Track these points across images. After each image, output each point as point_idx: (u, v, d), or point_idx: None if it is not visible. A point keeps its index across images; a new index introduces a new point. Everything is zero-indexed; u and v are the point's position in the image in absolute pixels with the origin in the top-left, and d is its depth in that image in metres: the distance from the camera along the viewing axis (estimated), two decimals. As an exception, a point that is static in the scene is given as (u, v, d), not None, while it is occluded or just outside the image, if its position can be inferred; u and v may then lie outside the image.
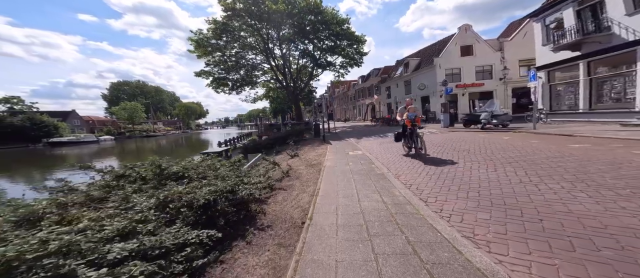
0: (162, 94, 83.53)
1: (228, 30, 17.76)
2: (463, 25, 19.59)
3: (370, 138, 11.22)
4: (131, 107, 53.67)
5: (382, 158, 6.15)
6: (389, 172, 4.56)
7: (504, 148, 5.99)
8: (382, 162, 5.64)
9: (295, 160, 6.49)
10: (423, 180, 3.94)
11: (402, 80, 24.74)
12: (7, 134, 30.73)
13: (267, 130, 18.99)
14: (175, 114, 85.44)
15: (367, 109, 36.34)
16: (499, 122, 9.88)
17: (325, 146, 8.90)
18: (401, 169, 4.80)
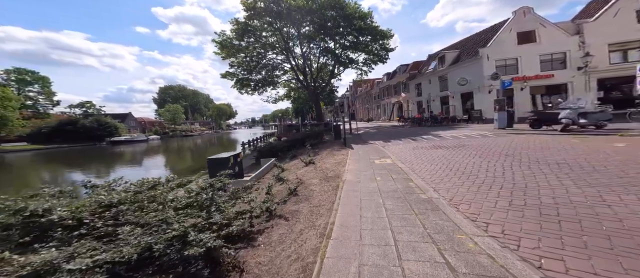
0: (199, 97, 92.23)
1: (249, 30, 17.81)
2: (520, 9, 16.01)
3: (399, 141, 9.54)
4: (173, 109, 60.32)
5: (421, 170, 4.66)
6: (439, 197, 3.13)
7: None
8: (423, 177, 4.18)
9: (309, 169, 5.42)
10: (510, 215, 2.45)
11: (435, 76, 21.77)
12: (80, 133, 37.06)
13: (287, 131, 18.52)
14: (209, 115, 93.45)
15: (393, 108, 33.55)
16: (591, 122, 7.19)
17: (346, 151, 7.65)
18: (456, 190, 3.31)
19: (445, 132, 11.78)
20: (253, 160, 9.44)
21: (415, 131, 13.43)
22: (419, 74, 26.14)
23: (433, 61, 23.60)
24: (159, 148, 32.23)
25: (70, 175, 15.30)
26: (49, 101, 42.42)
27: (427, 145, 7.99)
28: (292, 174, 5.17)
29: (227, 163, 5.34)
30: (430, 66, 23.84)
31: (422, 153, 6.48)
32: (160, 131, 56.64)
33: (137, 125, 59.56)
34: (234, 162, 5.69)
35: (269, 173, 6.30)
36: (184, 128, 64.26)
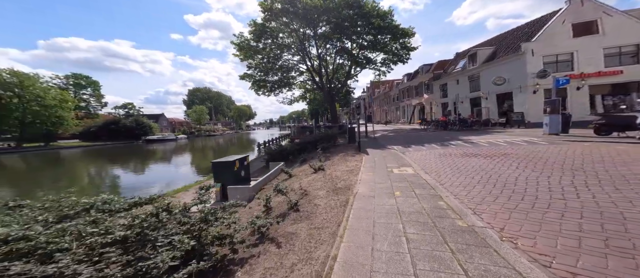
0: (222, 98, 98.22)
1: (266, 31, 18.07)
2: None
3: (421, 147, 8.49)
4: (199, 110, 64.95)
5: (452, 184, 3.78)
6: (485, 224, 2.32)
7: None
8: (456, 193, 3.33)
9: (318, 177, 4.86)
10: (612, 263, 1.60)
11: (464, 75, 19.69)
12: (121, 132, 41.66)
13: (300, 133, 18.23)
14: (231, 116, 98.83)
15: (413, 110, 31.46)
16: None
17: (360, 157, 6.93)
18: (508, 215, 2.45)
19: (478, 137, 10.28)
20: (263, 163, 9.19)
21: (441, 136, 12.04)
22: (444, 73, 24.04)
23: (461, 60, 21.50)
24: (186, 147, 34.62)
25: (111, 170, 16.90)
26: (98, 103, 48.61)
27: (457, 152, 6.88)
28: (297, 182, 4.66)
29: (232, 167, 5.05)
30: (458, 65, 21.74)
31: (452, 162, 5.49)
32: (187, 131, 61.26)
33: (168, 125, 65.22)
34: (240, 166, 5.39)
35: (275, 180, 5.88)
36: (207, 128, 68.69)
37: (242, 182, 5.25)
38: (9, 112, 25.12)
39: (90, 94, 47.12)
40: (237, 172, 5.19)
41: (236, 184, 4.96)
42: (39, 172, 16.21)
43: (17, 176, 14.83)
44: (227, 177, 4.90)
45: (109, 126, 40.44)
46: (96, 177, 14.55)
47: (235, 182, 5.00)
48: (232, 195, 4.39)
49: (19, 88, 25.90)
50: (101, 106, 49.35)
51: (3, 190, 10.52)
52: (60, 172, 16.30)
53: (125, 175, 14.80)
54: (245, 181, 5.50)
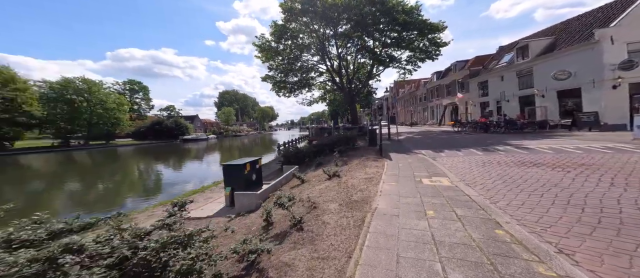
0: (247, 100, 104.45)
1: (287, 32, 18.21)
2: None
3: (457, 152, 7.19)
4: (227, 112, 70.16)
5: (510, 203, 2.79)
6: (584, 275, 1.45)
7: None
8: (520, 217, 2.39)
9: (331, 185, 4.27)
10: None
11: (511, 71, 16.78)
12: (163, 132, 47.21)
13: (318, 134, 17.80)
14: (255, 117, 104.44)
15: (444, 110, 28.45)
16: None
17: (381, 162, 6.11)
18: (628, 260, 1.51)
19: (534, 141, 8.39)
20: (279, 165, 8.96)
21: (481, 139, 10.26)
22: (484, 70, 21.07)
23: (507, 54, 18.53)
24: (215, 146, 37.44)
25: (155, 167, 19.06)
26: (147, 106, 56.07)
27: (508, 159, 5.54)
28: (308, 190, 4.14)
29: (243, 170, 4.78)
30: (502, 60, 18.79)
31: (503, 173, 4.32)
32: (216, 131, 66.57)
33: (201, 126, 71.83)
34: (251, 169, 5.12)
35: (287, 185, 5.48)
36: (234, 128, 73.62)
37: (253, 187, 4.97)
38: (79, 114, 30.48)
39: (141, 98, 54.65)
40: (248, 176, 4.92)
41: (247, 189, 4.68)
42: (101, 167, 19.09)
43: (85, 170, 17.65)
44: (237, 181, 4.65)
45: (154, 127, 46.17)
46: (144, 172, 16.49)
47: (245, 186, 4.73)
48: (238, 201, 4.11)
49: (87, 93, 31.27)
50: (149, 108, 56.84)
51: (75, 182, 12.71)
52: (116, 166, 19.01)
53: (166, 170, 16.60)
54: (257, 185, 5.22)
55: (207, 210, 4.46)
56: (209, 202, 5.27)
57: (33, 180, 13.63)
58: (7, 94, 22.83)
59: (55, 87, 29.28)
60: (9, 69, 24.32)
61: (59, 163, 20.69)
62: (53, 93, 28.82)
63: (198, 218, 3.91)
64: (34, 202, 8.93)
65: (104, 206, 7.63)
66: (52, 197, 9.87)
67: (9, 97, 22.99)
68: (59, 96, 28.93)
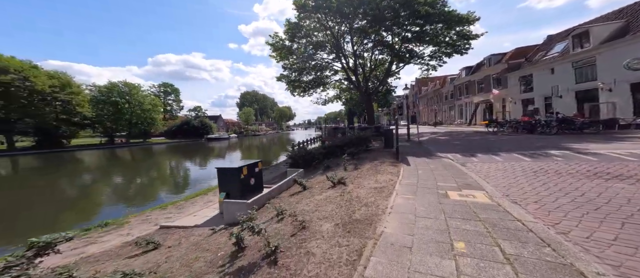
0: (266, 101, 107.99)
1: (300, 30, 17.89)
2: None
3: (494, 156, 5.92)
4: (247, 112, 73.51)
5: (589, 233, 1.83)
6: None
7: None
8: (616, 262, 1.48)
9: (333, 195, 3.63)
10: None
11: (566, 62, 13.99)
12: (190, 131, 51.17)
13: (332, 135, 17.12)
14: (273, 117, 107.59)
15: (476, 109, 25.43)
16: None
17: (397, 168, 5.25)
18: None
19: (603, 145, 6.61)
20: (287, 168, 8.56)
21: (525, 141, 8.55)
22: (527, 62, 18.16)
23: (558, 43, 15.65)
24: (236, 145, 39.34)
25: (184, 163, 20.62)
26: (178, 106, 61.40)
27: (572, 168, 4.23)
28: (306, 201, 3.57)
29: (238, 174, 4.40)
30: (552, 50, 15.92)
31: (568, 187, 3.19)
32: (237, 130, 70.06)
33: (224, 125, 76.28)
34: (248, 173, 4.72)
35: (287, 192, 4.98)
36: (253, 128, 76.71)
37: (251, 193, 4.57)
38: (122, 115, 34.45)
39: (173, 99, 60.05)
40: (245, 181, 4.53)
41: (243, 195, 4.29)
42: (139, 163, 21.25)
43: (126, 165, 19.84)
44: (232, 187, 4.28)
45: (183, 126, 50.30)
46: (174, 169, 18.02)
47: (242, 192, 4.34)
48: (226, 210, 3.72)
49: (128, 96, 35.20)
50: (180, 109, 62.19)
51: (119, 176, 14.34)
52: (152, 162, 21.07)
53: (193, 167, 17.99)
54: (256, 191, 4.81)
55: (200, 217, 4.19)
56: (208, 206, 5.05)
57: (85, 173, 15.80)
58: (64, 97, 26.76)
59: (102, 90, 33.56)
60: (65, 75, 28.52)
61: (106, 158, 23.59)
62: (101, 96, 33.05)
63: (182, 228, 3.64)
64: (86, 193, 10.43)
65: (141, 200, 8.33)
66: (99, 189, 11.22)
67: (66, 100, 26.92)
68: (106, 98, 33.08)
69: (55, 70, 28.41)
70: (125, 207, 7.25)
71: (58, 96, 26.45)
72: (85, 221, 5.22)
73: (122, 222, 4.32)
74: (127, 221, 4.41)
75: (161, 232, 3.55)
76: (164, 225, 3.84)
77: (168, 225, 3.83)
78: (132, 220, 4.52)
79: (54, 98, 26.32)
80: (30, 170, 18.06)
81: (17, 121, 24.59)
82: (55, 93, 26.22)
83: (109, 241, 3.58)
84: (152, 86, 55.43)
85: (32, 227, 5.63)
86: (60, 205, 8.01)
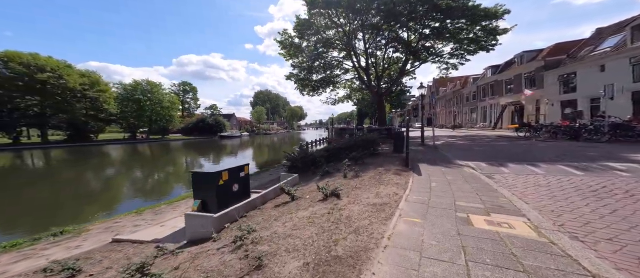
0: (279, 100, 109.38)
1: (310, 26, 17.31)
2: None
3: (531, 167, 4.77)
4: (259, 110, 75.00)
5: None
6: None
7: None
8: None
9: (318, 213, 2.94)
10: None
11: (621, 58, 11.75)
12: (205, 128, 53.18)
13: (339, 136, 16.33)
14: (285, 116, 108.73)
15: (502, 111, 23.01)
16: None
17: (405, 177, 4.41)
18: None
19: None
20: (285, 170, 8.00)
21: (570, 150, 7.11)
22: (569, 59, 15.85)
23: (611, 37, 13.37)
24: (247, 143, 40.12)
25: (198, 158, 21.34)
26: (195, 104, 64.29)
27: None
28: (284, 219, 2.93)
29: (215, 181, 3.80)
30: (602, 45, 13.66)
31: None
32: (249, 129, 71.66)
33: (237, 124, 78.46)
34: (230, 178, 4.14)
35: (272, 203, 4.37)
36: (265, 127, 77.98)
37: (235, 200, 4.01)
38: (144, 112, 36.58)
39: (191, 98, 62.99)
40: (225, 187, 3.96)
41: (221, 204, 3.67)
42: (157, 158, 22.26)
43: (145, 160, 20.93)
44: (208, 194, 3.67)
45: (198, 124, 52.41)
46: (185, 165, 18.60)
47: (220, 200, 3.73)
48: (189, 224, 3.15)
49: (150, 93, 37.32)
50: (197, 107, 65.09)
51: (138, 170, 15.07)
52: (168, 158, 22.01)
53: (206, 162, 18.73)
54: (240, 198, 4.24)
55: (167, 228, 3.73)
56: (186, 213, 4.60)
57: (106, 167, 16.83)
58: (93, 94, 28.92)
59: (127, 88, 35.92)
60: (95, 73, 30.86)
61: (126, 153, 25.12)
62: (126, 93, 35.38)
63: (136, 242, 3.16)
64: (108, 185, 11.15)
65: (157, 195, 8.50)
66: (120, 183, 11.78)
67: (94, 97, 29.08)
68: (130, 96, 35.33)
69: (86, 69, 30.96)
70: (119, 205, 7.18)
71: (87, 93, 28.71)
72: (73, 219, 5.06)
73: (80, 231, 3.96)
74: (87, 229, 4.06)
75: (109, 248, 3.12)
76: (116, 239, 3.35)
77: (121, 238, 3.34)
78: (94, 228, 4.15)
79: (83, 95, 28.63)
80: (58, 161, 19.70)
81: (51, 116, 27.07)
82: (85, 90, 28.51)
83: (34, 259, 2.90)
84: (172, 85, 58.67)
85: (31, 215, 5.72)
86: (58, 199, 8.25)
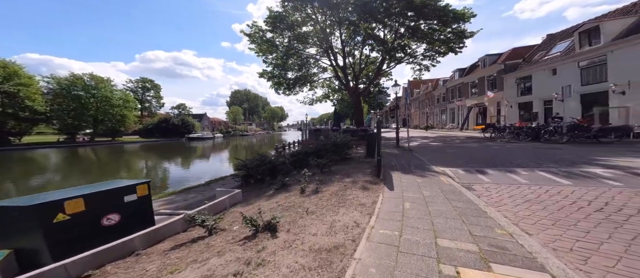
0: (258, 100, 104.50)
1: (283, 19, 15.91)
2: None
3: (510, 174, 4.15)
4: (234, 111, 70.19)
5: None
6: None
7: None
8: None
9: (227, 269, 1.61)
10: None
11: (570, 62, 12.87)
12: (169, 129, 47.40)
13: (313, 137, 15.22)
14: (264, 117, 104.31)
15: (468, 112, 24.43)
16: None
17: (374, 193, 3.35)
18: None
19: (625, 159, 5.07)
20: (237, 182, 6.47)
21: (538, 152, 6.97)
22: (525, 63, 17.15)
23: (561, 42, 14.64)
24: (220, 146, 36.40)
25: (151, 164, 18.04)
26: (158, 103, 57.30)
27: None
28: None
29: (43, 217, 2.15)
30: (553, 49, 14.89)
31: None
32: (224, 130, 66.57)
33: (210, 125, 72.46)
34: (92, 208, 2.55)
35: (172, 240, 2.91)
36: (241, 128, 73.41)
37: (98, 242, 2.44)
38: (86, 110, 30.73)
39: (153, 96, 55.93)
40: (78, 223, 2.38)
41: (79, 247, 2.19)
42: (88, 164, 18.26)
43: (65, 169, 16.74)
44: (32, 237, 2.14)
45: (160, 124, 46.49)
46: (130, 170, 15.15)
47: (66, 244, 2.21)
48: None
49: (94, 90, 31.56)
50: (160, 106, 58.02)
51: (40, 182, 11.54)
52: (102, 164, 18.03)
53: (158, 169, 15.59)
54: (121, 234, 2.67)
55: None
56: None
57: (26, 177, 12.79)
58: (9, 89, 23.08)
59: (62, 82, 29.74)
60: (14, 65, 24.75)
61: (63, 159, 20.28)
62: (60, 88, 29.25)
63: None
64: None
65: None
66: None
67: (12, 92, 23.24)
68: (66, 92, 29.33)
69: (2, 59, 24.59)
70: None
71: (2, 87, 22.74)
72: None
73: None
74: None
75: None
76: None
77: None
78: None
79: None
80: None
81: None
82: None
83: None
84: (128, 81, 51.29)
85: None
86: None
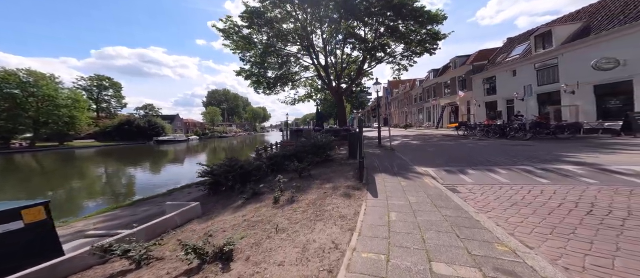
0: (238, 100, 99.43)
1: (260, 14, 14.93)
2: None
3: (490, 173, 4.10)
4: (211, 111, 65.61)
5: None
6: None
7: None
8: None
9: None
10: None
11: (527, 63, 14.18)
12: (134, 132, 42.29)
13: (293, 138, 14.60)
14: (246, 118, 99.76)
15: (442, 111, 25.97)
16: None
17: (356, 201, 2.90)
18: None
19: (594, 155, 5.50)
20: (203, 190, 5.59)
21: (509, 149, 7.33)
22: (490, 64, 18.59)
23: (519, 45, 16.09)
24: (193, 149, 33.37)
25: (113, 170, 15.62)
26: (119, 104, 50.86)
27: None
28: None
29: None
30: (513, 52, 16.31)
31: None
32: (199, 132, 61.86)
33: (183, 126, 66.76)
34: None
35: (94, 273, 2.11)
36: (220, 129, 69.06)
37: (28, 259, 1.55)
38: (23, 111, 25.75)
39: (112, 95, 49.45)
40: None
41: None
42: (27, 173, 14.95)
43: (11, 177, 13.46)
44: None
45: (122, 126, 41.24)
46: (80, 179, 12.44)
47: None
48: None
49: (33, 88, 26.58)
50: (121, 107, 51.57)
51: None
52: (45, 173, 14.88)
53: (111, 177, 13.48)
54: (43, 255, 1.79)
55: None
56: None
57: None
58: None
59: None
60: None
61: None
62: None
63: None
64: None
65: None
66: None
67: None
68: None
69: None
70: None
71: None
72: None
73: None
74: None
75: None
76: None
77: None
78: None
79: None
80: None
81: None
82: None
83: None
84: (79, 78, 44.50)
85: None
86: None
